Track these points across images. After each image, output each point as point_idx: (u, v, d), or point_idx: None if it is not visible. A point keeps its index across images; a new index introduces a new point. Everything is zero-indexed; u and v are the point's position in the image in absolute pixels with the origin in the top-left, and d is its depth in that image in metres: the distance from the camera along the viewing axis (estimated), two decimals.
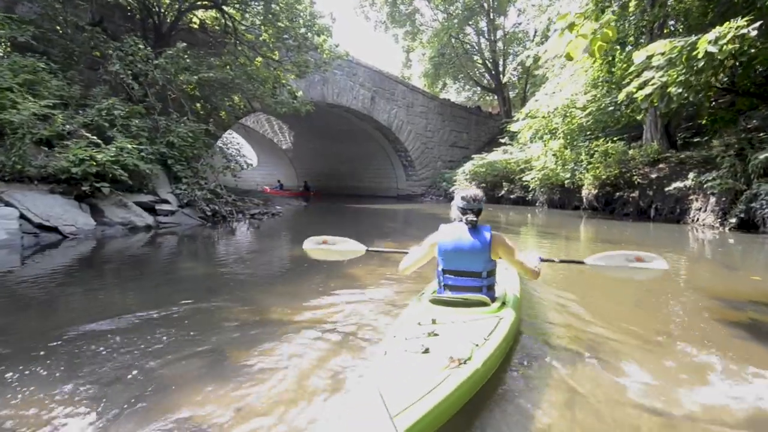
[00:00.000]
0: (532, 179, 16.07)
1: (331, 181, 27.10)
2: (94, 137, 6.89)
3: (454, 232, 2.57)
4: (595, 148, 11.12)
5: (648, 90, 8.41)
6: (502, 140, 20.09)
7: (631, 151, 13.75)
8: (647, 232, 10.17)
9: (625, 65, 10.59)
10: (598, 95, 10.64)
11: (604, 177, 13.78)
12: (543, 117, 11.52)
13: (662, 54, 8.16)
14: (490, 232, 2.54)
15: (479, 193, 2.67)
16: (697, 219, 10.21)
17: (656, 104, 8.70)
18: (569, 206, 15.54)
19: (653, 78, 8.44)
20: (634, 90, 8.78)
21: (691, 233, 9.23)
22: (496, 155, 18.94)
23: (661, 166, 13.43)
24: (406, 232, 9.12)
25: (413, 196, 23.26)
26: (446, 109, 24.54)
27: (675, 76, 7.25)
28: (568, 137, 11.42)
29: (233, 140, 14.07)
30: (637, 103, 9.59)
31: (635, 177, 13.13)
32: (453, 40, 24.92)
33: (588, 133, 10.87)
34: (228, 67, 10.86)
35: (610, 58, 10.81)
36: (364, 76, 19.94)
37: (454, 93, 31.12)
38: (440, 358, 1.79)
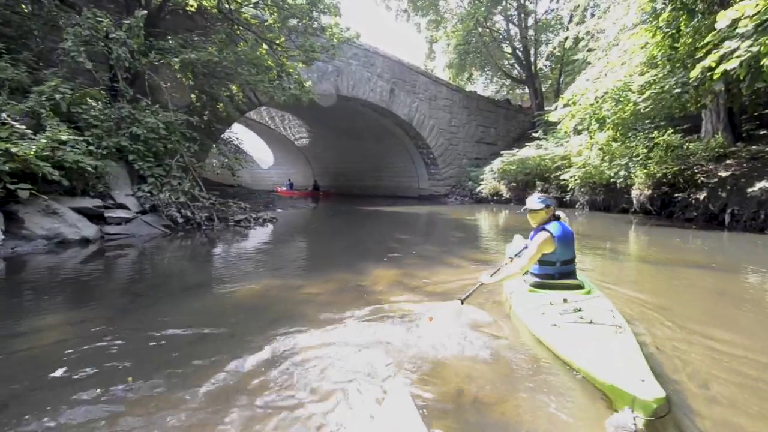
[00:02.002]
0: (571, 178, 14.13)
1: (348, 181, 25.70)
2: (23, 126, 5.57)
3: (560, 228, 3.06)
4: (657, 140, 9.16)
5: (733, 63, 6.57)
6: (535, 134, 18.14)
7: (690, 145, 11.69)
8: (720, 243, 8.25)
9: (690, 39, 8.65)
10: (659, 75, 8.72)
11: (659, 175, 11.76)
12: (589, 105, 9.65)
13: (750, 18, 6.37)
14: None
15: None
16: None
17: (743, 80, 6.85)
18: (615, 208, 13.52)
19: (738, 48, 6.62)
20: (713, 63, 6.92)
21: None
22: (528, 151, 17.03)
23: (729, 162, 11.31)
24: (423, 254, 6.05)
25: (436, 197, 21.56)
26: (472, 102, 22.69)
27: None
28: (620, 127, 9.51)
29: (234, 136, 12.75)
30: (709, 84, 7.68)
31: (698, 175, 11.08)
32: (480, 28, 22.98)
33: (647, 121, 8.96)
34: (222, 51, 9.52)
35: (674, 31, 8.87)
36: (383, 66, 18.38)
37: (481, 86, 29.11)
38: (605, 326, 2.37)
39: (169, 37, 8.64)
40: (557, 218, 3.15)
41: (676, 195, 11.38)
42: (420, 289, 3.97)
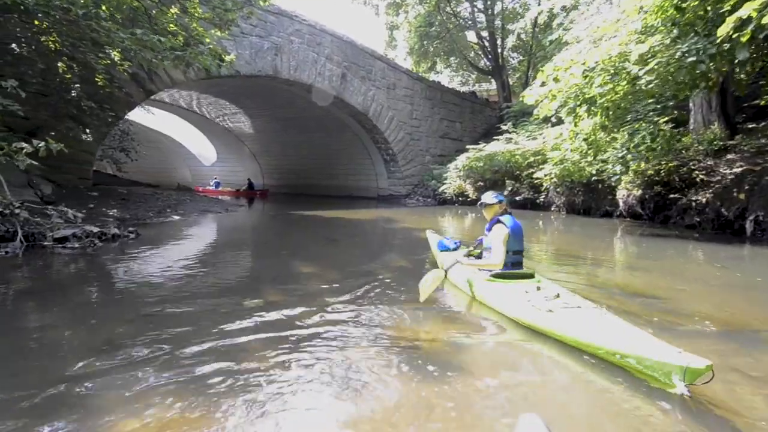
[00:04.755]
0: (545, 176, 12.19)
1: (299, 179, 23.02)
2: None
3: (512, 220, 3.50)
4: (660, 127, 7.14)
5: None
6: (504, 126, 16.19)
7: (683, 138, 9.92)
8: (740, 258, 6.39)
9: None
10: (664, 41, 6.75)
11: (651, 172, 9.92)
12: (575, 83, 7.59)
13: None
14: None
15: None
16: None
17: None
18: (597, 212, 11.66)
19: None
20: (754, 11, 5.00)
21: None
22: (496, 145, 15.04)
23: (731, 157, 9.57)
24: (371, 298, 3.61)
25: (396, 198, 19.29)
26: (436, 93, 20.57)
27: None
28: (611, 111, 7.50)
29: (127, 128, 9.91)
30: (739, 46, 5.74)
31: (696, 172, 9.30)
32: (442, 12, 20.89)
33: (651, 101, 6.97)
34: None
35: None
36: (332, 47, 15.91)
37: (446, 78, 27.08)
38: (590, 309, 2.70)
39: None
40: (509, 213, 3.61)
41: (671, 196, 9.57)
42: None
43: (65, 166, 9.52)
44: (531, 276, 3.38)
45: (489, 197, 3.71)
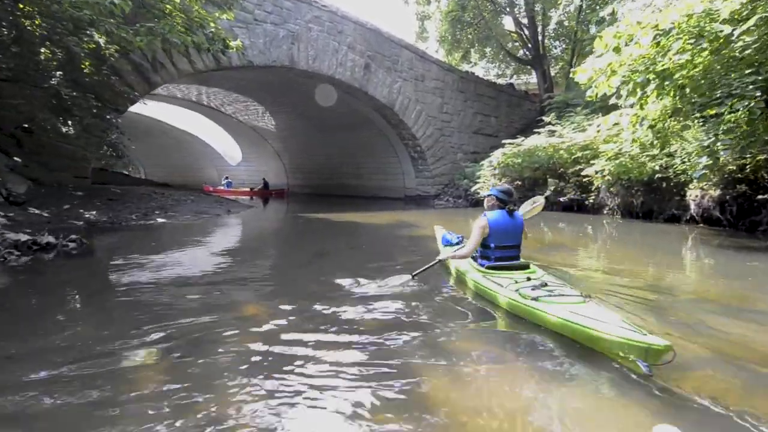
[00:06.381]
0: (597, 173, 10.42)
1: (323, 179, 21.99)
2: None
3: (499, 215, 3.50)
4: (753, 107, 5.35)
5: None
6: (547, 119, 14.40)
7: None
8: None
9: None
10: None
11: (732, 168, 8.05)
12: (641, 55, 5.96)
13: None
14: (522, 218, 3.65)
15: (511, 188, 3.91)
16: None
17: None
18: (660, 215, 9.78)
19: None
20: None
21: None
22: (537, 139, 13.29)
23: None
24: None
25: (424, 198, 17.84)
26: (469, 85, 18.94)
27: None
28: (696, 87, 5.80)
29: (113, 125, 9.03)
30: None
31: None
32: None
33: (748, 71, 5.23)
34: None
35: None
36: (354, 35, 14.68)
37: (481, 70, 25.25)
38: (573, 296, 2.76)
39: None
40: (503, 207, 3.55)
41: (760, 197, 7.67)
42: None
43: (54, 163, 8.79)
44: (526, 267, 3.47)
45: (486, 192, 3.89)
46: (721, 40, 5.22)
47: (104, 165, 7.67)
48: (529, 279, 3.11)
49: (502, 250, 3.48)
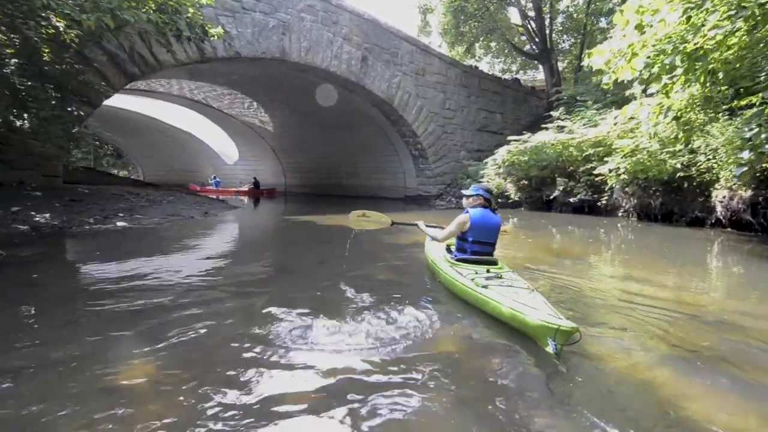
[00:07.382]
0: (611, 171, 9.56)
1: (321, 178, 21.25)
2: None
3: (481, 213, 3.54)
4: None
5: None
6: (555, 114, 13.53)
7: None
8: None
9: None
10: None
11: (766, 165, 7.17)
12: (668, 35, 5.13)
13: None
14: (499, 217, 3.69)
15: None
16: None
17: None
18: (681, 218, 8.90)
19: None
20: None
21: None
22: (545, 135, 12.44)
23: None
24: None
25: (426, 198, 17.03)
26: (473, 80, 18.09)
27: None
28: (731, 72, 4.97)
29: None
30: None
31: None
32: None
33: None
34: None
35: None
36: (350, 26, 13.89)
37: (486, 65, 24.36)
38: (521, 288, 2.88)
39: None
40: (486, 207, 3.62)
41: None
42: None
43: (20, 161, 8.09)
44: (494, 263, 3.51)
45: (468, 190, 3.86)
46: (748, 23, 4.36)
47: (90, 164, 6.83)
48: (488, 271, 3.22)
49: (478, 245, 3.54)
